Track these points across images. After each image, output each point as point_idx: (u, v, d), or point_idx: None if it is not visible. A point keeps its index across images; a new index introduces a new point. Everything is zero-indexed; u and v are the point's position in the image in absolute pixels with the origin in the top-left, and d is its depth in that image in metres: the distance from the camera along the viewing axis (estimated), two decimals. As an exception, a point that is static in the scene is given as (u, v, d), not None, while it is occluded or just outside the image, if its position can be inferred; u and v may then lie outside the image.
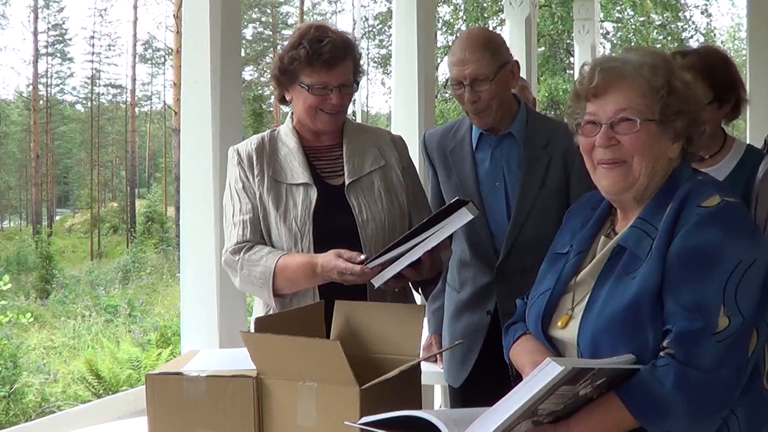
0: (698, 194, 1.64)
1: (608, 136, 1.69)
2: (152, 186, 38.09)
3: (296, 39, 2.34)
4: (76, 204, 39.33)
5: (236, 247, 2.32)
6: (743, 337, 1.56)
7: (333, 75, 2.31)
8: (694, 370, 1.53)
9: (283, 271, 2.24)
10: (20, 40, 59.93)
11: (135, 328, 13.69)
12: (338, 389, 1.68)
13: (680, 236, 1.60)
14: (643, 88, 1.67)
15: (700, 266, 1.57)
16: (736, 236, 1.59)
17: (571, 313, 1.72)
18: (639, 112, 1.67)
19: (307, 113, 2.36)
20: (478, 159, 2.67)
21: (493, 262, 2.64)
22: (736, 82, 2.63)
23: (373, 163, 2.41)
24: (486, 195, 2.64)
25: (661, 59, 1.73)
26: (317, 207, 2.32)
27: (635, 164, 1.68)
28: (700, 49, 2.70)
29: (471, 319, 2.69)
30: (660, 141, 1.69)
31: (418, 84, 4.19)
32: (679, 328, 1.56)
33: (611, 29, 23.05)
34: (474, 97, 2.54)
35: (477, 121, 2.62)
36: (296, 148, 2.39)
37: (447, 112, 21.03)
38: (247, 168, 2.37)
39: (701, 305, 1.55)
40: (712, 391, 1.54)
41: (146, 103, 43.86)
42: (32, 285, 20.94)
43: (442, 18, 21.80)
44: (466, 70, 2.53)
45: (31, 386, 10.45)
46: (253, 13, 36.58)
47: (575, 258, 1.79)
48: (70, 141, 40.78)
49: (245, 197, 2.36)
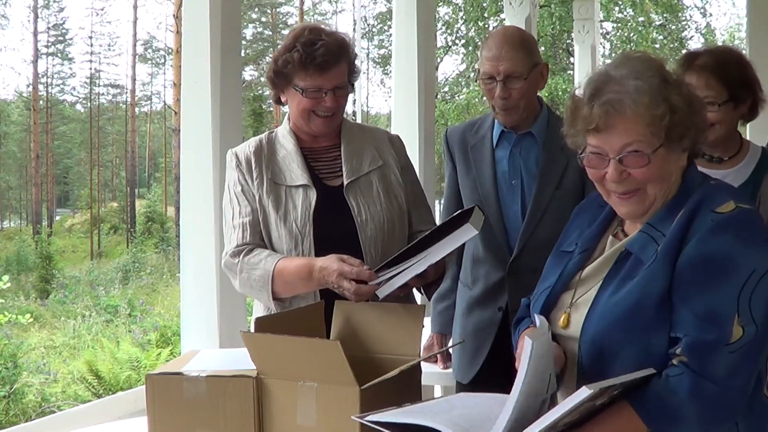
0: (712, 200, 1.63)
1: (619, 170, 1.64)
2: (152, 186, 38.08)
3: (290, 41, 2.33)
4: (76, 204, 39.32)
5: (236, 250, 2.32)
6: (757, 347, 1.56)
7: (326, 78, 2.30)
8: (709, 380, 1.53)
9: (280, 274, 2.24)
10: (20, 41, 59.97)
11: (135, 328, 13.67)
12: (338, 389, 1.68)
13: (693, 242, 1.59)
14: (646, 118, 1.61)
15: (714, 274, 1.56)
16: (750, 244, 1.58)
17: (569, 310, 1.72)
18: (646, 143, 1.62)
19: (302, 116, 2.36)
20: (497, 156, 2.70)
21: (506, 259, 2.66)
22: (752, 82, 2.59)
23: (371, 163, 2.41)
24: (502, 192, 2.67)
25: (656, 73, 1.65)
26: (317, 208, 2.31)
27: (650, 190, 1.66)
28: (714, 49, 2.68)
29: (482, 316, 2.71)
30: (671, 160, 1.66)
31: (418, 84, 4.19)
32: (691, 337, 1.55)
33: (611, 29, 23.04)
34: (505, 93, 2.58)
35: (503, 117, 2.65)
36: (294, 150, 2.39)
37: (447, 112, 21.03)
38: (245, 171, 2.37)
39: (715, 315, 1.54)
40: (725, 402, 1.54)
41: (146, 103, 43.87)
42: (32, 285, 20.93)
43: (442, 18, 21.79)
44: (500, 66, 2.57)
45: (31, 386, 10.44)
46: (253, 13, 36.57)
47: (579, 256, 1.79)
48: (70, 141, 40.76)
49: (244, 200, 2.36)
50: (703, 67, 2.53)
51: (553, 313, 1.76)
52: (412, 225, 2.44)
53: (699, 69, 2.53)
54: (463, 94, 22.59)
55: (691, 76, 2.50)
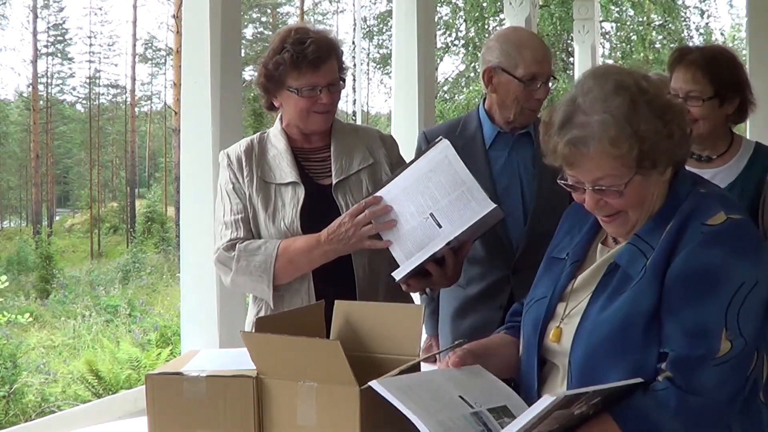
0: (702, 212, 1.60)
1: (596, 199, 1.64)
2: (152, 186, 38.06)
3: (278, 44, 2.34)
4: (76, 204, 39.28)
5: (229, 243, 2.33)
6: (744, 360, 1.54)
7: (320, 75, 2.32)
8: (694, 394, 1.51)
9: (285, 252, 2.26)
10: (20, 40, 59.96)
11: (135, 328, 13.66)
12: (338, 389, 1.68)
13: (683, 255, 1.56)
14: (614, 153, 1.57)
15: (703, 288, 1.54)
16: (740, 256, 1.55)
17: (561, 324, 1.71)
18: (617, 176, 1.59)
19: (299, 116, 2.37)
20: (491, 157, 2.68)
21: (509, 258, 2.65)
22: (741, 83, 2.60)
23: (361, 162, 2.42)
24: (501, 193, 2.65)
25: (624, 99, 1.58)
26: (305, 206, 2.33)
27: (631, 215, 1.65)
28: (707, 47, 2.69)
29: (480, 315, 2.70)
30: (649, 183, 1.63)
31: (418, 84, 4.20)
32: (677, 352, 1.53)
33: (611, 29, 23.03)
34: (544, 95, 2.58)
35: (527, 117, 2.62)
36: (285, 149, 2.41)
37: (447, 112, 21.01)
38: (236, 170, 2.39)
39: (703, 329, 1.52)
40: (709, 414, 1.53)
41: (146, 103, 43.83)
42: (32, 285, 20.92)
43: (442, 18, 21.78)
44: (545, 69, 2.56)
45: (30, 386, 10.43)
46: (253, 13, 36.56)
47: (570, 267, 1.77)
48: (70, 141, 40.74)
49: (236, 198, 2.37)
50: (692, 62, 2.57)
51: (550, 323, 1.75)
52: None
53: (688, 63, 2.57)
54: (463, 94, 22.58)
55: (680, 70, 2.55)
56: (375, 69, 31.44)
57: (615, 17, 22.63)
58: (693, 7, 22.95)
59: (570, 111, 1.61)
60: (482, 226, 2.24)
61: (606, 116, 1.57)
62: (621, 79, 1.62)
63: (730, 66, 2.60)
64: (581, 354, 1.63)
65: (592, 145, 1.57)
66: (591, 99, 1.60)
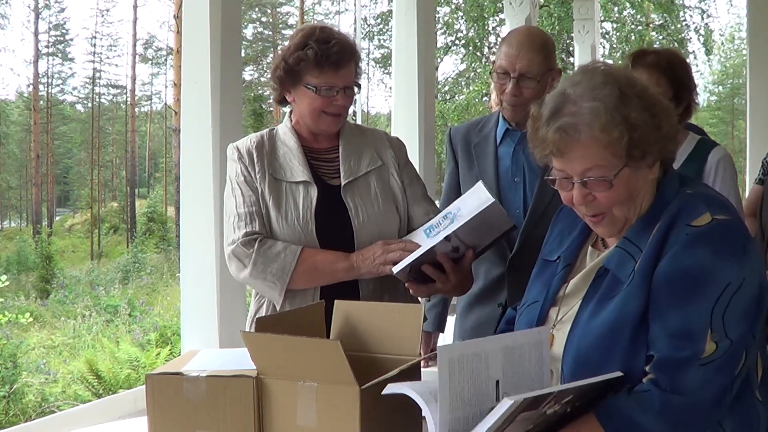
0: (688, 213, 1.59)
1: (584, 193, 1.62)
2: (152, 186, 38.10)
3: (301, 40, 2.33)
4: (76, 204, 39.31)
5: (247, 239, 2.30)
6: (730, 360, 1.53)
7: (339, 76, 2.32)
8: (678, 394, 1.51)
9: (304, 262, 2.27)
10: (20, 41, 59.92)
11: (135, 328, 13.67)
12: (338, 389, 1.68)
13: (668, 257, 1.56)
14: (603, 141, 1.56)
15: (688, 289, 1.53)
16: (725, 257, 1.54)
17: (553, 330, 1.70)
18: (607, 167, 1.58)
19: (311, 115, 2.36)
20: (500, 153, 2.73)
21: (506, 254, 2.67)
22: (692, 85, 2.76)
23: (369, 163, 2.42)
24: (504, 189, 2.69)
25: (614, 89, 1.58)
26: (318, 205, 2.32)
27: (617, 212, 1.64)
28: (662, 50, 2.83)
29: (482, 312, 2.73)
30: (638, 177, 1.62)
31: (418, 84, 4.19)
32: (662, 354, 1.53)
33: (611, 29, 23.03)
34: (516, 91, 2.61)
35: (509, 112, 2.68)
36: (296, 147, 2.40)
37: (447, 112, 21.02)
38: (248, 163, 2.37)
39: (688, 331, 1.52)
40: (693, 414, 1.52)
41: (146, 103, 43.85)
42: (32, 285, 20.93)
43: (442, 18, 21.78)
44: (517, 64, 2.60)
45: (30, 386, 10.43)
46: (253, 13, 36.58)
47: (562, 271, 1.77)
48: (70, 141, 40.77)
49: (248, 190, 2.35)
50: (654, 66, 2.68)
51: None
52: (414, 221, 2.43)
53: (650, 66, 2.68)
54: (463, 94, 22.59)
55: (641, 72, 2.62)
56: (375, 69, 31.46)
57: (615, 17, 22.64)
58: (693, 7, 22.96)
59: (559, 102, 1.61)
60: (488, 230, 2.23)
61: (596, 103, 1.57)
62: (609, 71, 1.63)
63: (685, 69, 2.76)
64: (571, 360, 1.63)
65: (583, 131, 1.56)
66: (581, 90, 1.60)
